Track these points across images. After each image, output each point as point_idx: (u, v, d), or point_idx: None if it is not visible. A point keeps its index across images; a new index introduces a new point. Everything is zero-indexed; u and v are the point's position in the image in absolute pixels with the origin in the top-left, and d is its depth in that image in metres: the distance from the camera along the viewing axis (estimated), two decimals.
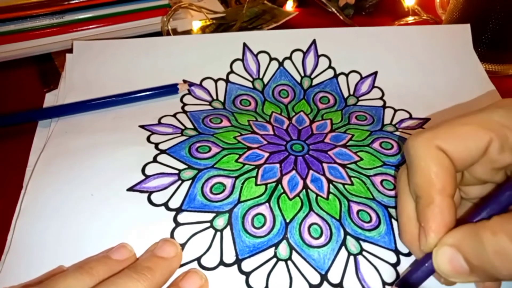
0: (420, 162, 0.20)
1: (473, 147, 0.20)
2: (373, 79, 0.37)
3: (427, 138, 0.21)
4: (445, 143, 0.20)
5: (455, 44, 0.38)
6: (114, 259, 0.22)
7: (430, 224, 0.19)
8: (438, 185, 0.20)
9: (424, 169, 0.20)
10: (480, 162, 0.21)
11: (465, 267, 0.18)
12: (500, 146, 0.20)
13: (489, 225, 0.17)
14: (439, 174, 0.20)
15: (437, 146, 0.20)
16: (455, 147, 0.20)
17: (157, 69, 0.36)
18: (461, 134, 0.20)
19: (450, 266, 0.18)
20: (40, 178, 0.27)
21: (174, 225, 0.25)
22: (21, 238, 0.24)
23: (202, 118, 0.33)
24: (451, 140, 0.20)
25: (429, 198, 0.20)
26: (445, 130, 0.21)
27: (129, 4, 0.42)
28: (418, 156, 0.20)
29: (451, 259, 0.18)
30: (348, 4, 0.49)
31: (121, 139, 0.30)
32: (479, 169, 0.21)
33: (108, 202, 0.26)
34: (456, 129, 0.20)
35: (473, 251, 0.17)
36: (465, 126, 0.20)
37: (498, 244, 0.16)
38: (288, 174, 0.28)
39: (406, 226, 0.22)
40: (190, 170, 0.28)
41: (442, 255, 0.18)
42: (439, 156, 0.20)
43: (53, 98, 0.35)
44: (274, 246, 0.24)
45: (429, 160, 0.20)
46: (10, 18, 0.39)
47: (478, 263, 0.17)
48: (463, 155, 0.20)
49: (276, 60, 0.37)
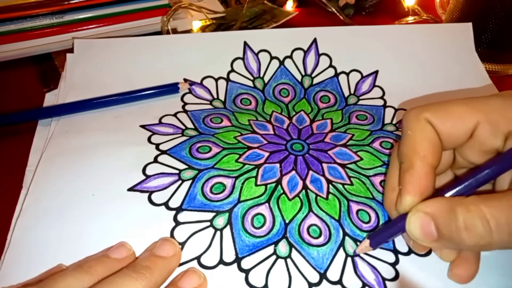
0: (407, 131, 0.22)
1: (460, 125, 0.21)
2: (373, 78, 0.37)
3: (418, 110, 0.22)
4: (434, 117, 0.21)
5: (456, 43, 0.38)
6: (113, 258, 0.22)
7: (407, 187, 0.21)
8: (420, 153, 0.21)
9: (410, 137, 0.22)
10: (469, 144, 0.22)
11: (433, 234, 0.19)
12: (489, 129, 0.21)
13: (466, 201, 0.18)
14: (422, 143, 0.21)
15: (425, 119, 0.21)
16: (443, 122, 0.21)
17: (158, 68, 0.36)
18: (450, 111, 0.21)
19: (421, 230, 0.19)
20: (41, 178, 0.27)
21: (174, 224, 0.25)
22: (21, 237, 0.24)
23: (203, 117, 0.33)
24: (440, 116, 0.21)
25: (409, 163, 0.21)
26: (437, 106, 0.22)
27: (129, 4, 0.42)
28: (407, 125, 0.22)
29: (423, 224, 0.19)
30: (348, 4, 0.49)
31: (122, 139, 0.30)
32: (469, 151, 0.22)
33: (109, 202, 0.26)
34: (447, 106, 0.22)
35: (445, 221, 0.18)
36: (456, 105, 0.22)
37: (470, 221, 0.18)
38: (288, 174, 0.28)
39: (388, 193, 0.23)
40: (191, 170, 0.28)
41: (416, 219, 0.19)
42: (425, 127, 0.21)
43: (53, 98, 0.35)
44: (274, 244, 0.24)
45: (416, 130, 0.21)
46: (10, 18, 0.39)
47: (447, 232, 0.18)
48: (450, 131, 0.21)
49: (277, 59, 0.37)
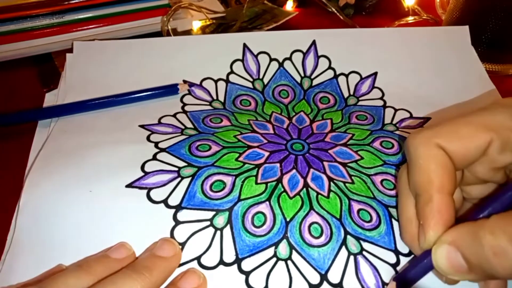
0: (419, 160, 0.20)
1: (473, 146, 0.20)
2: (373, 79, 0.37)
3: (427, 136, 0.21)
4: (445, 141, 0.20)
5: (454, 45, 0.38)
6: (113, 258, 0.22)
7: (429, 222, 0.19)
8: (437, 183, 0.20)
9: (423, 167, 0.20)
10: (480, 162, 0.21)
11: (463, 265, 0.18)
12: (500, 146, 0.20)
13: (488, 224, 0.17)
14: (438, 172, 0.20)
15: (436, 145, 0.20)
16: (455, 146, 0.20)
17: (157, 69, 0.36)
18: (461, 133, 0.20)
19: (448, 263, 0.18)
20: (38, 176, 0.27)
21: (173, 223, 0.25)
22: (21, 237, 0.24)
23: (202, 118, 0.33)
24: (451, 139, 0.20)
25: (427, 196, 0.20)
26: (445, 129, 0.21)
27: (129, 4, 0.42)
28: (418, 154, 0.20)
29: (449, 257, 0.18)
30: (348, 4, 0.49)
31: (121, 138, 0.30)
32: (479, 168, 0.21)
33: (107, 198, 0.26)
34: (456, 128, 0.20)
35: (471, 249, 0.17)
36: (466, 125, 0.20)
37: (496, 244, 0.16)
38: (288, 173, 0.28)
39: (407, 226, 0.22)
40: (190, 168, 0.28)
41: (441, 252, 0.18)
42: (438, 154, 0.20)
43: (53, 98, 0.35)
44: (274, 246, 0.24)
45: (429, 158, 0.20)
46: (10, 18, 0.39)
47: (476, 261, 0.17)
48: (462, 154, 0.20)
49: (276, 60, 0.37)
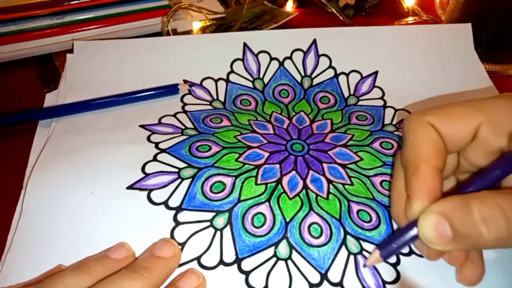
0: (409, 135, 0.21)
1: (463, 126, 0.21)
2: (373, 78, 0.37)
3: (420, 114, 0.22)
4: (436, 120, 0.21)
5: (456, 44, 0.38)
6: (112, 258, 0.22)
7: (415, 192, 0.20)
8: (424, 155, 0.20)
9: (413, 141, 0.21)
10: (472, 146, 0.22)
11: (449, 234, 0.18)
12: (492, 129, 0.20)
13: (479, 195, 0.18)
14: (425, 145, 0.21)
15: (427, 122, 0.21)
16: (445, 125, 0.21)
17: (157, 69, 0.36)
18: (452, 113, 0.21)
19: (435, 232, 0.18)
20: (39, 177, 0.27)
21: (174, 224, 0.25)
22: (21, 237, 0.24)
23: (202, 118, 0.33)
24: (442, 118, 0.21)
25: (415, 167, 0.20)
26: (438, 109, 0.22)
27: (129, 4, 0.42)
28: (409, 129, 0.22)
29: (437, 226, 0.18)
30: (348, 5, 0.49)
31: (121, 138, 0.30)
32: (473, 153, 0.22)
33: (108, 200, 0.26)
34: (448, 108, 0.22)
35: (460, 217, 0.17)
36: (458, 107, 0.21)
37: (487, 212, 0.17)
38: (288, 175, 0.28)
39: (396, 200, 0.23)
40: (190, 169, 0.28)
41: (428, 221, 0.18)
42: (427, 130, 0.21)
43: (53, 98, 0.35)
44: (274, 246, 0.24)
45: (418, 133, 0.21)
46: (11, 18, 0.39)
47: (463, 229, 0.17)
48: (453, 133, 0.21)
49: (277, 60, 0.37)
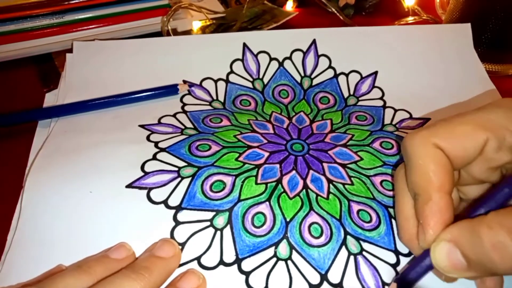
0: (418, 160, 0.20)
1: (470, 146, 0.20)
2: (373, 79, 0.37)
3: (425, 136, 0.21)
4: (443, 141, 0.20)
5: (456, 44, 0.38)
6: (112, 258, 0.22)
7: (429, 221, 0.19)
8: (436, 183, 0.20)
9: (422, 167, 0.20)
10: (476, 161, 0.21)
11: (462, 262, 0.18)
12: (497, 145, 0.20)
13: (486, 219, 0.17)
14: (437, 172, 0.20)
15: (434, 144, 0.20)
16: (452, 145, 0.20)
17: (157, 69, 0.36)
18: (458, 133, 0.20)
19: (448, 261, 0.18)
20: (38, 177, 0.27)
21: (174, 224, 0.25)
22: (21, 237, 0.24)
23: (202, 118, 0.33)
24: (449, 139, 0.20)
25: (427, 195, 0.20)
26: (443, 128, 0.21)
27: (129, 4, 0.42)
28: (416, 154, 0.21)
29: (449, 254, 0.18)
30: (348, 4, 0.49)
31: (121, 138, 0.30)
32: (476, 168, 0.21)
33: (107, 199, 0.26)
34: (453, 127, 0.21)
35: (470, 245, 0.17)
36: (463, 125, 0.21)
37: (495, 238, 0.16)
38: (288, 174, 0.28)
39: (405, 225, 0.22)
40: (190, 168, 0.28)
41: (440, 250, 0.18)
42: (436, 154, 0.20)
43: (53, 98, 0.35)
44: (274, 246, 0.24)
45: (427, 158, 0.20)
46: (10, 18, 0.39)
47: (476, 257, 0.17)
48: (460, 153, 0.20)
49: (276, 60, 0.37)
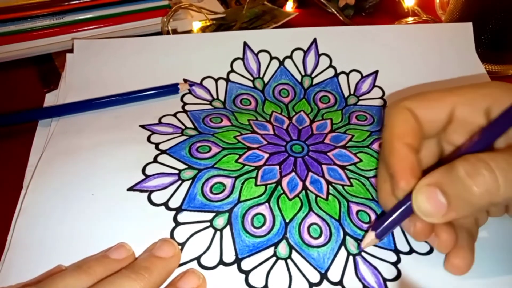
0: (388, 119, 0.23)
1: (438, 108, 0.22)
2: (373, 78, 0.37)
3: (397, 101, 0.23)
4: (413, 104, 0.22)
5: (456, 43, 0.38)
6: (112, 258, 0.22)
7: (396, 171, 0.21)
8: (399, 134, 0.22)
9: (389, 123, 0.23)
10: (452, 128, 0.22)
11: (443, 202, 0.18)
12: (468, 108, 0.21)
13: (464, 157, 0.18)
14: (400, 126, 0.22)
15: (405, 107, 0.23)
16: (421, 108, 0.22)
17: (157, 68, 0.36)
18: (428, 97, 0.23)
19: (429, 203, 0.19)
20: (41, 178, 0.27)
21: (174, 225, 0.25)
22: (21, 237, 0.24)
23: (203, 117, 0.33)
24: (418, 102, 0.23)
25: (390, 145, 0.22)
26: (416, 94, 0.23)
27: (129, 4, 0.42)
28: (388, 115, 0.23)
29: (430, 196, 0.19)
30: (348, 5, 0.49)
31: (122, 139, 0.30)
32: (454, 135, 0.23)
33: (109, 202, 0.26)
34: (425, 94, 0.23)
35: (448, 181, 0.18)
36: (435, 92, 0.23)
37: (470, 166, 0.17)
38: (287, 176, 0.28)
39: (382, 186, 0.24)
40: (190, 170, 0.28)
41: (422, 194, 0.19)
42: (404, 113, 0.22)
43: (53, 98, 0.35)
44: (274, 246, 0.24)
45: (395, 116, 0.23)
46: (11, 18, 0.39)
47: (454, 191, 0.18)
48: (429, 115, 0.22)
49: (277, 59, 0.37)
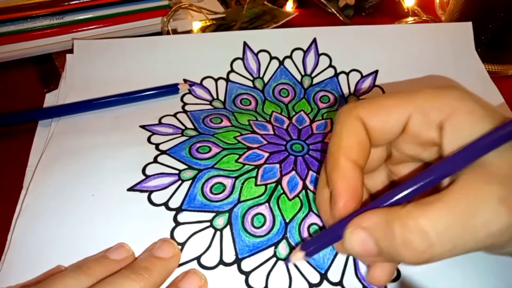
0: (336, 127, 0.21)
1: (391, 119, 0.20)
2: (373, 78, 0.37)
3: (350, 107, 0.21)
4: (365, 113, 0.21)
5: (456, 42, 0.38)
6: (112, 259, 0.22)
7: (337, 189, 0.20)
8: (345, 148, 0.20)
9: (336, 133, 0.21)
10: (403, 138, 0.21)
11: (373, 250, 0.18)
12: (422, 121, 0.20)
13: (403, 215, 0.17)
14: (347, 139, 0.20)
15: (356, 116, 0.21)
16: (374, 118, 0.21)
17: (157, 68, 0.36)
18: (382, 105, 0.21)
19: (361, 248, 0.18)
20: (41, 178, 0.27)
21: (174, 225, 0.25)
22: (21, 238, 0.24)
23: (203, 118, 0.33)
24: (371, 111, 0.21)
25: (334, 159, 0.20)
26: (369, 101, 0.21)
27: (129, 4, 0.42)
28: (337, 122, 0.21)
29: (363, 242, 0.18)
30: (348, 5, 0.49)
31: (122, 139, 0.30)
32: (404, 145, 0.22)
33: (109, 202, 0.26)
34: (379, 101, 0.21)
35: (384, 237, 0.18)
36: (388, 99, 0.21)
37: (407, 236, 0.17)
38: (287, 175, 0.28)
39: (320, 188, 0.22)
40: (190, 170, 0.28)
41: (356, 237, 0.18)
42: (354, 124, 0.21)
43: (54, 98, 0.35)
44: (274, 246, 0.24)
45: (343, 126, 0.21)
46: (11, 18, 0.39)
47: (387, 248, 0.18)
48: (381, 126, 0.21)
49: (277, 59, 0.37)
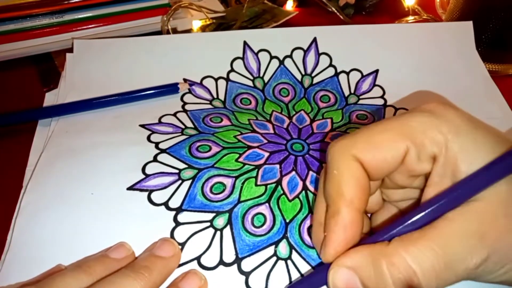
0: (333, 170, 0.20)
1: (389, 156, 0.19)
2: (374, 77, 0.37)
3: (345, 145, 0.20)
4: (361, 152, 0.19)
5: (457, 42, 0.38)
6: (112, 258, 0.22)
7: (331, 236, 0.19)
8: (347, 197, 0.19)
9: (336, 177, 0.20)
10: (398, 170, 0.20)
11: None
12: (417, 154, 0.19)
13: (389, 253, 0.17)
14: (349, 185, 0.19)
15: (353, 156, 0.20)
16: (371, 156, 0.19)
17: (157, 67, 0.36)
18: (378, 142, 0.20)
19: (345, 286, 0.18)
20: (40, 177, 0.27)
21: (174, 225, 0.25)
22: (21, 237, 0.24)
23: (203, 117, 0.33)
24: (368, 149, 0.20)
25: (336, 208, 0.19)
26: (362, 138, 0.20)
27: (129, 3, 0.42)
28: (333, 163, 0.20)
29: (348, 281, 0.18)
30: (348, 4, 0.49)
31: (122, 138, 0.30)
32: (398, 176, 0.21)
33: (108, 201, 0.26)
34: (373, 137, 0.20)
35: (370, 276, 0.17)
36: (383, 133, 0.20)
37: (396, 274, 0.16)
38: (288, 175, 0.28)
39: (316, 229, 0.21)
40: (190, 170, 0.28)
41: (340, 276, 0.18)
42: (352, 167, 0.19)
43: (53, 97, 0.35)
44: (274, 245, 0.24)
45: (342, 170, 0.19)
46: (10, 17, 0.39)
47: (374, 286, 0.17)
48: (379, 164, 0.20)
49: (277, 58, 0.37)
